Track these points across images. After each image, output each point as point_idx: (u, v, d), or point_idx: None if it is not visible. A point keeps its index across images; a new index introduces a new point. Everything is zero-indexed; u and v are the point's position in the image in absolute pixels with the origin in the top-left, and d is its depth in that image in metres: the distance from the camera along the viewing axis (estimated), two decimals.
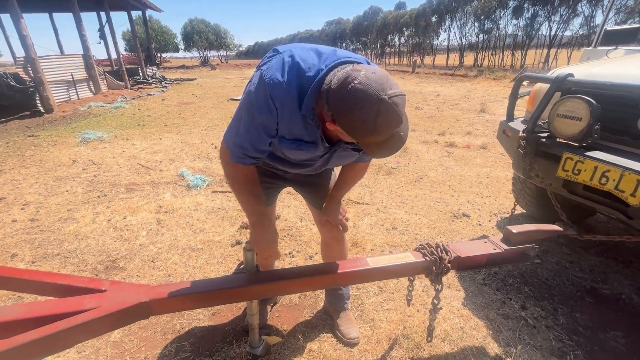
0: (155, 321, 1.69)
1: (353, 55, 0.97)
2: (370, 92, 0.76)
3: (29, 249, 2.37)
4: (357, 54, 1.03)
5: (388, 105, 0.76)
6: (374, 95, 0.75)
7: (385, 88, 0.76)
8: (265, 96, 0.92)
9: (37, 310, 1.04)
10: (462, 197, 3.15)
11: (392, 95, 0.77)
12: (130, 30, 17.41)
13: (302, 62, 0.91)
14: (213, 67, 32.64)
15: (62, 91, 9.41)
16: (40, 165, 4.21)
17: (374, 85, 0.76)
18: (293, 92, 0.91)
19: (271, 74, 0.91)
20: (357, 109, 0.77)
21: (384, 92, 0.76)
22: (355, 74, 0.79)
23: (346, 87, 0.78)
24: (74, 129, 6.31)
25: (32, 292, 1.26)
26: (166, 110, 8.36)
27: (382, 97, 0.76)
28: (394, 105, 0.77)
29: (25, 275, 1.24)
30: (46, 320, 1.02)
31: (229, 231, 2.56)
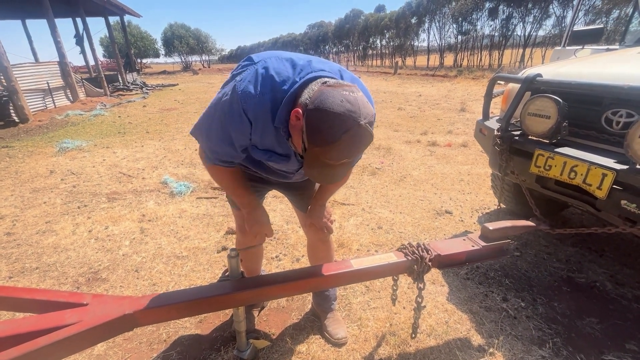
0: (140, 332, 1.66)
1: (328, 66, 0.98)
2: (350, 113, 0.77)
3: (5, 263, 2.29)
4: (332, 61, 1.06)
5: (362, 130, 0.78)
6: (352, 116, 0.77)
7: (362, 113, 0.78)
8: (238, 109, 0.93)
9: (15, 328, 1.01)
10: (444, 194, 3.23)
11: (367, 122, 0.79)
12: (107, 36, 17.00)
13: (276, 75, 0.91)
14: (195, 72, 32.22)
15: (37, 100, 9.10)
16: (15, 177, 4.06)
17: (354, 107, 0.77)
18: (266, 105, 0.91)
19: (244, 87, 0.91)
20: (331, 117, 0.77)
21: (362, 117, 0.78)
22: (335, 91, 0.79)
23: (323, 103, 0.78)
24: (50, 138, 6.12)
25: (9, 310, 1.23)
26: (148, 117, 8.21)
27: (360, 122, 0.77)
28: (365, 133, 0.79)
29: (1, 292, 1.20)
30: (26, 338, 1.00)
31: (214, 237, 2.54)
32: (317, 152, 0.82)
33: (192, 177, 3.84)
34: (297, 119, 0.84)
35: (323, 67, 0.95)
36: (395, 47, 35.02)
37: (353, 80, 1.00)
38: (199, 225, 2.75)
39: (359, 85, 0.98)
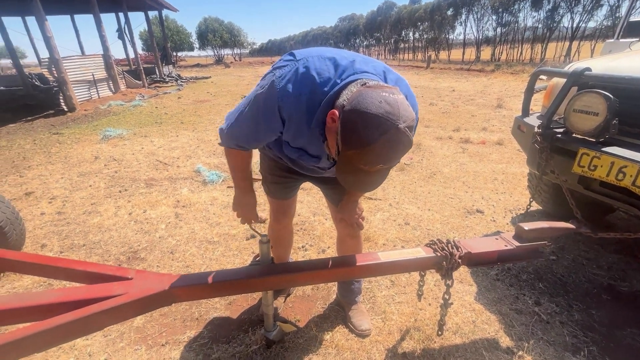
0: (174, 309, 1.77)
1: (372, 66, 0.93)
2: (388, 115, 0.72)
3: (57, 240, 2.51)
4: (375, 58, 1.03)
5: (400, 134, 0.73)
6: (390, 118, 0.72)
7: (402, 116, 0.73)
8: (273, 105, 0.92)
9: (70, 296, 1.12)
10: (476, 193, 3.12)
11: (406, 126, 0.74)
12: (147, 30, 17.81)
13: (317, 75, 0.88)
14: (227, 65, 33.00)
15: (83, 90, 9.75)
16: (65, 162, 4.40)
17: (393, 109, 0.73)
18: (303, 105, 0.90)
19: (283, 85, 0.90)
20: (368, 118, 0.73)
21: (400, 119, 0.73)
22: (373, 92, 0.76)
23: (360, 104, 0.74)
24: (95, 126, 6.55)
25: (64, 279, 1.36)
26: (182, 108, 8.55)
27: (398, 125, 0.73)
28: (403, 138, 0.74)
29: (57, 263, 1.33)
30: (78, 305, 1.10)
31: (243, 225, 2.63)
32: (351, 156, 0.77)
33: (223, 167, 3.98)
34: (332, 121, 0.81)
35: (366, 69, 0.91)
36: (428, 40, 33.86)
37: (398, 82, 0.96)
38: (229, 213, 2.85)
39: (403, 87, 0.94)
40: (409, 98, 0.92)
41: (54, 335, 1.02)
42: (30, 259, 1.38)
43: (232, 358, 1.46)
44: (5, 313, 1.07)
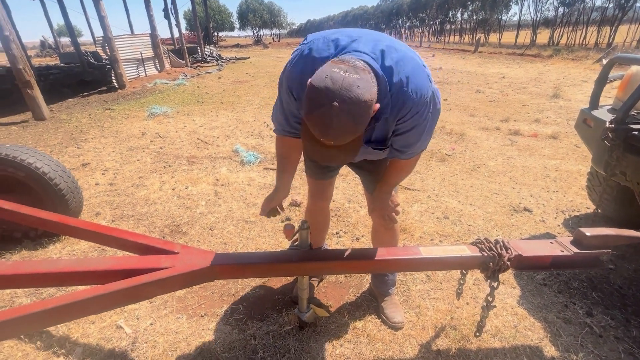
0: (213, 284, 1.85)
1: (371, 46, 0.89)
2: (326, 90, 0.72)
3: (109, 209, 2.71)
4: (401, 39, 0.96)
5: (333, 112, 0.71)
6: (327, 95, 0.71)
7: (341, 95, 0.71)
8: (286, 87, 1.02)
9: (124, 264, 1.19)
10: (524, 190, 2.91)
11: (344, 107, 0.71)
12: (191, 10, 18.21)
13: (317, 55, 0.94)
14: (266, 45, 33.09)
15: (132, 68, 10.28)
16: (116, 136, 4.71)
17: (334, 86, 0.71)
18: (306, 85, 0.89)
19: (291, 67, 0.99)
20: (311, 90, 0.75)
21: (337, 98, 0.71)
22: (328, 67, 0.76)
23: (313, 77, 0.76)
24: (142, 104, 6.91)
25: (116, 248, 1.45)
26: (222, 88, 8.75)
27: (333, 103, 0.71)
28: (335, 117, 0.71)
29: (112, 233, 1.42)
30: (130, 274, 1.17)
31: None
32: (304, 122, 0.80)
33: (260, 148, 4.04)
34: None
35: (361, 48, 0.87)
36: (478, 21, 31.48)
37: (399, 62, 0.87)
38: (265, 194, 2.89)
39: (405, 68, 0.87)
40: (412, 79, 0.87)
41: (110, 300, 1.10)
42: (88, 226, 1.49)
43: (266, 336, 1.51)
44: (69, 275, 1.17)
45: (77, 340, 1.51)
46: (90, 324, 1.59)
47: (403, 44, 0.96)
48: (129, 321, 1.61)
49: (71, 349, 1.46)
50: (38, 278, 1.17)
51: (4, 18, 5.36)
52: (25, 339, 1.51)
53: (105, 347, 1.48)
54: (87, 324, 1.59)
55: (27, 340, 1.50)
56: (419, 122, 0.96)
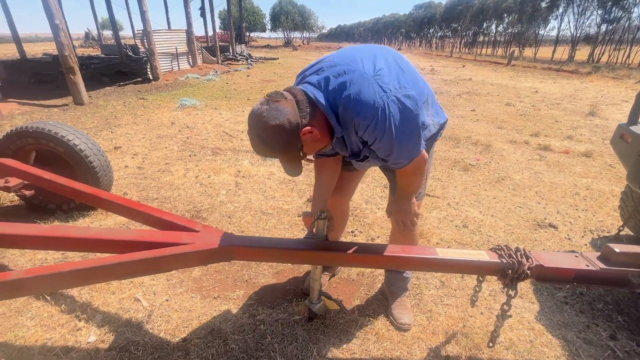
0: (227, 268, 1.90)
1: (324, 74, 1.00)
2: (248, 118, 0.95)
3: (135, 190, 2.84)
4: (398, 50, 0.98)
5: (249, 135, 0.96)
6: (249, 121, 0.94)
7: (252, 124, 0.93)
8: None
9: (146, 237, 1.25)
10: (550, 206, 2.80)
11: (255, 133, 0.93)
12: (226, 10, 18.78)
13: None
14: (295, 47, 33.57)
15: (167, 62, 10.70)
16: (147, 124, 4.92)
17: (251, 117, 0.93)
18: None
19: None
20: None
21: (250, 126, 0.94)
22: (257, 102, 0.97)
23: None
24: (173, 95, 7.18)
25: (142, 222, 1.52)
26: (250, 85, 8.95)
27: (249, 129, 0.95)
28: (251, 139, 0.95)
29: (138, 207, 1.49)
30: (152, 246, 1.22)
31: (297, 202, 2.70)
32: None
33: None
34: None
35: (312, 80, 1.01)
36: (513, 34, 30.60)
37: (342, 85, 0.96)
38: (284, 188, 2.95)
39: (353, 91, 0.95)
40: (354, 98, 0.94)
41: (132, 268, 1.15)
42: (118, 200, 1.57)
43: (275, 323, 1.53)
44: (97, 242, 1.24)
45: (97, 308, 1.59)
46: (110, 294, 1.67)
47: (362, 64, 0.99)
48: (146, 295, 1.68)
49: (92, 315, 1.54)
50: (70, 242, 1.24)
51: (55, 7, 5.74)
52: (52, 301, 1.60)
53: (123, 316, 1.55)
54: (108, 294, 1.67)
55: (52, 303, 1.60)
56: (380, 135, 0.96)
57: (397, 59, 1.07)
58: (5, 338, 1.43)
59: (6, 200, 2.57)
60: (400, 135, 0.97)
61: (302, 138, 0.94)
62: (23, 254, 1.94)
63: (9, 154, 2.16)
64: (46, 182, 1.77)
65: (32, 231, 1.28)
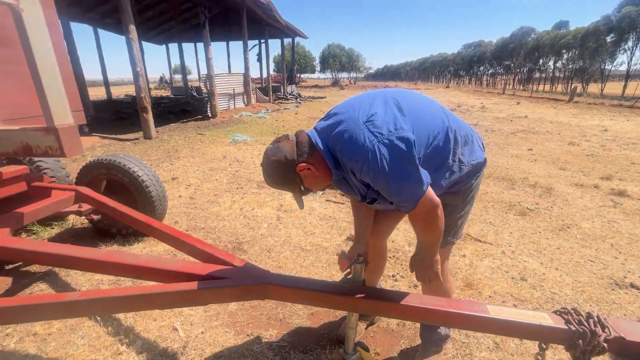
0: (262, 305, 1.87)
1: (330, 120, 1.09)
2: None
3: (185, 219, 3.02)
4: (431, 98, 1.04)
5: (264, 157, 1.08)
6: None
7: (263, 160, 1.10)
8: None
9: (188, 268, 1.30)
10: (631, 262, 2.40)
11: (263, 167, 1.10)
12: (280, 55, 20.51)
13: None
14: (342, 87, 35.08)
15: (224, 101, 11.77)
16: (202, 157, 5.33)
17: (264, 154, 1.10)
18: None
19: None
20: None
21: (262, 162, 1.11)
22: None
23: None
24: (227, 131, 7.77)
25: (186, 253, 1.59)
26: (297, 122, 9.40)
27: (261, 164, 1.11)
28: (264, 153, 1.09)
29: (184, 238, 1.57)
30: (192, 278, 1.26)
31: (336, 240, 2.65)
32: None
33: None
34: None
35: (318, 125, 1.12)
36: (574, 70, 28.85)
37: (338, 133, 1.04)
38: (324, 225, 2.93)
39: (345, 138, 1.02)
40: (347, 142, 1.01)
41: (170, 299, 1.19)
42: (167, 229, 1.67)
43: None
44: (143, 270, 1.31)
45: (139, 334, 1.64)
46: (152, 320, 1.73)
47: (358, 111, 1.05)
48: (184, 325, 1.70)
49: (133, 340, 1.59)
50: (122, 268, 1.33)
51: (138, 57, 6.73)
52: (101, 322, 1.70)
53: (160, 345, 1.58)
54: (150, 320, 1.73)
55: (101, 324, 1.69)
56: (374, 176, 0.99)
57: (400, 101, 1.08)
58: (58, 354, 1.52)
59: (77, 223, 2.89)
60: (395, 176, 0.98)
61: (300, 174, 1.05)
62: (84, 274, 2.12)
63: (85, 182, 2.46)
64: (110, 209, 1.96)
65: (92, 255, 1.40)
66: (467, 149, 1.18)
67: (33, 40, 1.27)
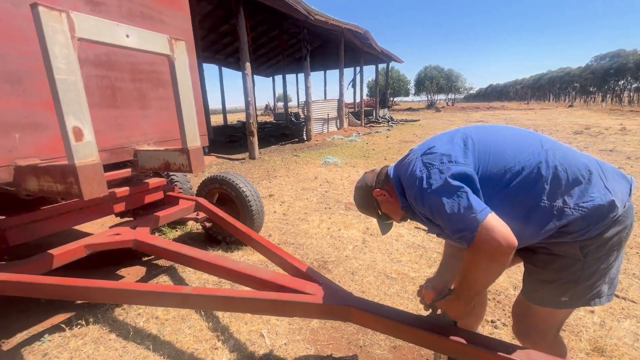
0: (344, 327, 1.85)
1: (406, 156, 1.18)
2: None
3: (278, 234, 3.26)
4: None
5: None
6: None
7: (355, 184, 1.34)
8: None
9: (278, 279, 1.39)
10: None
11: (355, 191, 1.33)
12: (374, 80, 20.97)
13: None
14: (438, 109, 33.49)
15: (318, 126, 12.53)
16: (295, 177, 5.74)
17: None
18: None
19: None
20: None
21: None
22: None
23: None
24: (320, 154, 8.21)
25: (277, 264, 1.71)
26: (388, 146, 9.32)
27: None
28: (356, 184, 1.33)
29: (277, 251, 1.70)
30: (280, 289, 1.34)
31: (425, 271, 2.47)
32: None
33: None
34: None
35: (399, 159, 1.21)
36: None
37: (404, 165, 1.14)
38: (412, 253, 2.77)
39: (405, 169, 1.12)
40: (406, 173, 1.12)
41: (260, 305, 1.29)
42: (262, 241, 1.84)
43: None
44: (241, 275, 1.46)
45: (232, 334, 1.81)
46: (243, 323, 1.89)
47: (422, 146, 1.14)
48: (270, 333, 1.81)
49: (227, 339, 1.77)
50: (224, 271, 1.52)
51: (250, 89, 7.80)
52: (204, 317, 1.94)
53: (249, 348, 1.70)
54: (242, 323, 1.89)
55: (205, 318, 1.93)
56: (422, 203, 1.04)
57: (472, 136, 1.09)
58: (171, 339, 1.79)
59: (194, 228, 3.42)
60: (442, 204, 0.97)
61: (376, 199, 1.23)
62: (195, 272, 2.47)
63: (202, 194, 2.92)
64: (220, 219, 2.27)
65: (203, 257, 1.63)
66: (579, 188, 0.96)
67: (180, 81, 1.62)
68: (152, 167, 2.01)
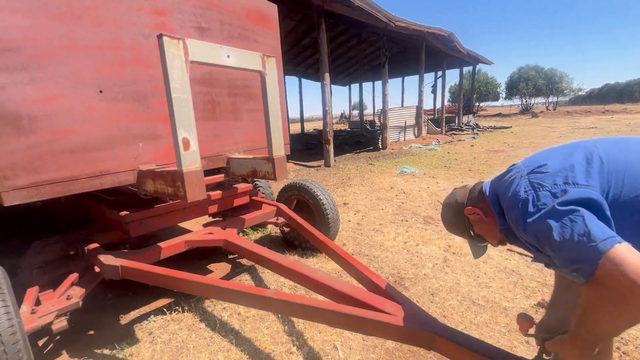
0: (422, 353, 1.71)
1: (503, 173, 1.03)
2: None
3: (352, 244, 3.22)
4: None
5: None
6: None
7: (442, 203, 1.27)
8: None
9: (356, 293, 1.35)
10: None
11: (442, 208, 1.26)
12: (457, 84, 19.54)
13: None
14: (535, 114, 29.48)
15: (395, 133, 12.19)
16: (370, 186, 5.64)
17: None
18: None
19: None
20: None
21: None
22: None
23: None
24: (396, 163, 7.95)
25: (352, 276, 1.67)
26: (473, 155, 8.52)
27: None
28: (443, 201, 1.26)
29: (353, 262, 1.66)
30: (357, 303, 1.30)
31: (520, 302, 2.14)
32: None
33: None
34: None
35: (497, 176, 1.07)
36: None
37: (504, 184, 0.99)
38: (503, 279, 2.44)
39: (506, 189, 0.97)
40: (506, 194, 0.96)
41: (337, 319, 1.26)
42: (338, 250, 1.83)
43: None
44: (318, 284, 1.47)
45: (306, 341, 1.84)
46: (317, 332, 1.90)
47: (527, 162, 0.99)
48: (343, 347, 1.78)
49: (301, 345, 1.79)
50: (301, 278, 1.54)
51: (328, 99, 8.02)
52: (280, 320, 2.01)
53: (322, 358, 1.70)
54: (316, 332, 1.90)
55: (281, 320, 2.00)
56: (523, 228, 0.89)
57: (598, 151, 0.89)
58: (250, 336, 1.90)
59: (273, 231, 3.61)
60: (550, 231, 0.81)
61: (469, 217, 1.11)
62: (272, 274, 2.60)
63: (282, 200, 3.07)
64: (298, 224, 2.35)
65: (282, 261, 1.70)
66: None
67: (269, 94, 1.73)
68: (241, 173, 2.19)
